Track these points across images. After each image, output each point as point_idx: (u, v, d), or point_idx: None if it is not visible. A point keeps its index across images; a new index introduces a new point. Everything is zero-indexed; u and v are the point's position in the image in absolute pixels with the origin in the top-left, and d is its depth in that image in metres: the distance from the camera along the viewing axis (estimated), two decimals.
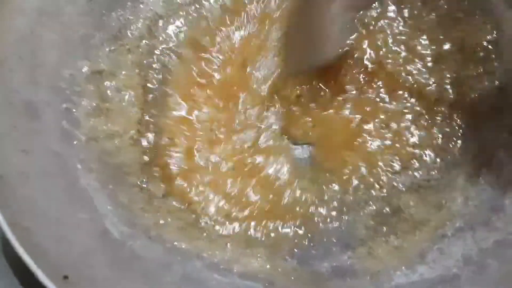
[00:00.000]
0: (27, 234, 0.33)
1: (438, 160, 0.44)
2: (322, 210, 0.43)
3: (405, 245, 0.40)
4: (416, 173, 0.43)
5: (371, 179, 0.43)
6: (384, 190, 0.43)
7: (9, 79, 0.40)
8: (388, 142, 0.44)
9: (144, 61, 0.48)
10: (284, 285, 0.40)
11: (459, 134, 0.44)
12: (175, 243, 0.41)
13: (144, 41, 0.49)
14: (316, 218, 0.42)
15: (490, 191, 0.40)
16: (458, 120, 0.44)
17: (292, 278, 0.40)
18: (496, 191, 0.40)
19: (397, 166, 0.43)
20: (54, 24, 0.44)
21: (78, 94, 0.44)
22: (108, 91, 0.46)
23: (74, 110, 0.43)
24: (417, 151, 0.44)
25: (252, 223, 0.42)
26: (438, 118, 0.44)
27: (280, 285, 0.40)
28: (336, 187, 0.43)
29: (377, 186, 0.43)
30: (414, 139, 0.44)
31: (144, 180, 0.44)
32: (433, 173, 0.43)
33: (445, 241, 0.39)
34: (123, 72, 0.47)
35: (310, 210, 0.43)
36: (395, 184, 0.43)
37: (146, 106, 0.47)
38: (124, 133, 0.45)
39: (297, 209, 0.43)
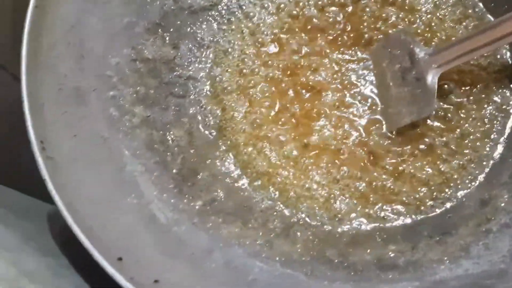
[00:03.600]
0: (80, 217, 0.33)
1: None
2: None
3: (448, 240, 0.40)
4: None
5: None
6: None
7: (58, 65, 0.41)
8: None
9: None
10: (323, 274, 0.40)
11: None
12: (218, 230, 0.41)
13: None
14: None
15: None
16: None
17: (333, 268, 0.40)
18: None
19: None
20: (99, 12, 0.45)
21: (124, 82, 0.45)
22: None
23: (120, 98, 0.44)
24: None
25: None
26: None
27: (319, 274, 0.40)
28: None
29: None
30: None
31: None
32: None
33: (490, 236, 0.39)
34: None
35: None
36: None
37: None
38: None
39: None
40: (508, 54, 0.47)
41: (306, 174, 0.44)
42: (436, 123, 0.45)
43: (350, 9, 0.49)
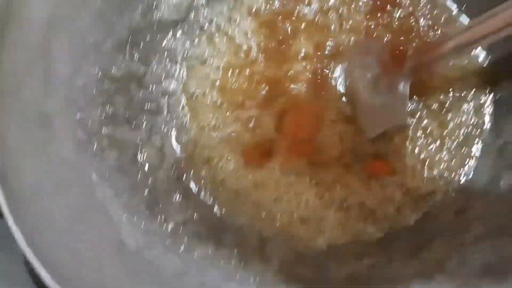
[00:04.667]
0: (43, 250, 0.33)
1: None
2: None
3: (424, 253, 0.39)
4: None
5: None
6: None
7: (22, 91, 0.40)
8: None
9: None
10: None
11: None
12: (191, 251, 0.40)
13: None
14: None
15: None
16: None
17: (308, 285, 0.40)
18: None
19: None
20: (65, 33, 0.44)
21: (92, 103, 0.44)
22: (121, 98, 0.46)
23: (88, 120, 0.43)
24: None
25: None
26: None
27: None
28: None
29: None
30: None
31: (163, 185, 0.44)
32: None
33: (465, 249, 0.38)
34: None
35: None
36: None
37: None
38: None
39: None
40: (483, 55, 0.46)
41: (279, 191, 0.43)
42: (411, 133, 0.44)
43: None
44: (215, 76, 0.49)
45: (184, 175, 0.46)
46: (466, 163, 0.43)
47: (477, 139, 0.44)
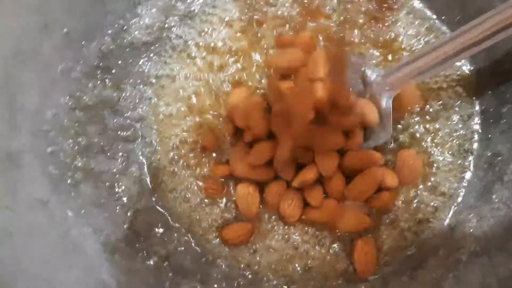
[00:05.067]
0: None
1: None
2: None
3: (419, 273, 0.38)
4: None
5: None
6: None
7: None
8: None
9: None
10: None
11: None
12: None
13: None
14: None
15: (505, 210, 0.38)
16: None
17: None
18: (510, 209, 0.37)
19: None
20: (31, 63, 0.41)
21: (63, 135, 0.42)
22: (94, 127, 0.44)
23: (60, 153, 0.41)
24: None
25: None
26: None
27: None
28: None
29: None
30: None
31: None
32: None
33: (461, 267, 0.37)
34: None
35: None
36: None
37: None
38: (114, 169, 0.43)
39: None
40: (466, 66, 0.45)
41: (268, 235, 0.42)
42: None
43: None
44: (185, 94, 0.46)
45: (165, 204, 0.43)
46: (460, 177, 0.42)
47: (467, 152, 0.42)
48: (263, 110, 0.40)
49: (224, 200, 0.43)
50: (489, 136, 0.42)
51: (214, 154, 0.44)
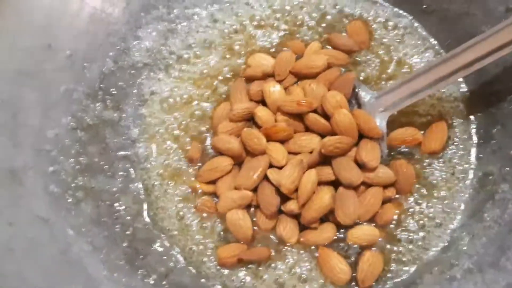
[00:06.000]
0: None
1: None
2: None
3: None
4: None
5: None
6: None
7: None
8: None
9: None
10: None
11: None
12: None
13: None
14: None
15: (496, 228, 0.39)
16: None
17: None
18: (502, 227, 0.38)
19: None
20: (34, 83, 0.43)
21: (65, 154, 0.43)
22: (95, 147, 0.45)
23: (61, 172, 0.42)
24: None
25: None
26: None
27: None
28: None
29: None
30: None
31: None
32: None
33: (455, 284, 0.37)
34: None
35: None
36: None
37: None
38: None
39: None
40: (460, 87, 0.46)
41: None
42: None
43: None
44: (175, 111, 0.47)
45: (165, 223, 0.44)
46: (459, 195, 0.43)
47: (464, 173, 0.43)
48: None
49: (218, 219, 0.43)
50: (480, 156, 0.43)
51: (199, 164, 0.45)
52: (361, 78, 0.46)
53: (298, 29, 0.49)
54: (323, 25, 0.49)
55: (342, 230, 0.41)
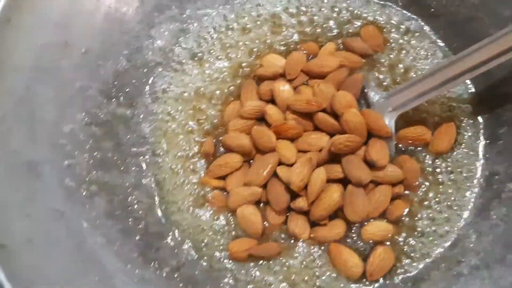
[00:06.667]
0: None
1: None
2: None
3: (421, 286, 0.39)
4: None
5: None
6: None
7: (8, 140, 0.40)
8: None
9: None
10: None
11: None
12: None
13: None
14: None
15: (503, 226, 0.39)
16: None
17: None
18: (508, 225, 0.39)
19: None
20: (50, 79, 0.43)
21: (79, 149, 0.43)
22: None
23: (76, 166, 0.43)
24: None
25: None
26: None
27: None
28: None
29: None
30: None
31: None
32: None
33: (462, 280, 0.38)
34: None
35: None
36: None
37: None
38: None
39: None
40: (468, 88, 0.47)
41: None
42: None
43: None
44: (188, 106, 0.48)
45: (176, 217, 0.45)
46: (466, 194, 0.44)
47: (471, 172, 0.44)
48: None
49: (229, 214, 0.44)
50: (487, 156, 0.44)
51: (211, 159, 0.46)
52: (372, 79, 0.47)
53: (312, 31, 0.50)
54: (335, 27, 0.50)
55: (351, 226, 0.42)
